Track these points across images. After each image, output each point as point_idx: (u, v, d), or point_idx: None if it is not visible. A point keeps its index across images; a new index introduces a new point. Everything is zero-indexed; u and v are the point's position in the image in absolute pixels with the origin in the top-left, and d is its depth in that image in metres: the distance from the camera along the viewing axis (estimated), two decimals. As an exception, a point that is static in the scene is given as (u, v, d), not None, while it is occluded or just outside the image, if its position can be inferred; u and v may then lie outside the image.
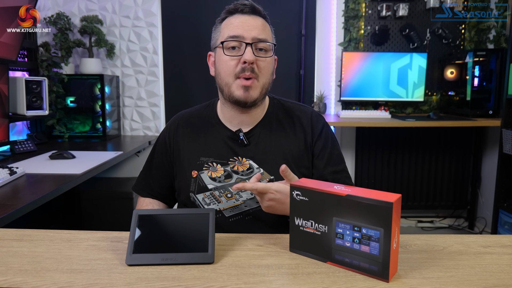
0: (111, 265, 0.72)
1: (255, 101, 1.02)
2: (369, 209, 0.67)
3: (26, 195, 1.34)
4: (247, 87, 0.99)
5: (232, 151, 1.07)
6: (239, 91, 1.00)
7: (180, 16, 2.91)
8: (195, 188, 1.06)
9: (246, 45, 0.98)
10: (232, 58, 0.99)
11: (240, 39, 0.98)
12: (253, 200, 1.04)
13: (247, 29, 0.98)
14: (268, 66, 1.02)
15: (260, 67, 1.00)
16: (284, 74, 2.92)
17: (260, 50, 1.00)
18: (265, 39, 1.00)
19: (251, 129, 1.08)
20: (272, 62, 1.04)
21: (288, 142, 1.07)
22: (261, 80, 1.01)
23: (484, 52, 2.63)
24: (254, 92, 1.00)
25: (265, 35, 1.01)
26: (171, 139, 1.13)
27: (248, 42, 0.98)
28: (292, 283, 0.66)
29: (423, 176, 3.07)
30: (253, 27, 0.99)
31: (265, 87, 1.03)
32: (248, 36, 0.98)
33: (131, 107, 2.96)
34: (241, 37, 0.98)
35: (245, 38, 0.98)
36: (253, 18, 1.01)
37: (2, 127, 1.94)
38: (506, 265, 0.73)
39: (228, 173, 1.05)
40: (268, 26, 1.04)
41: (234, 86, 1.00)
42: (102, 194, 2.47)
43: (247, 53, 0.97)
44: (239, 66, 0.98)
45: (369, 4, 2.89)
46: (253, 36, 0.98)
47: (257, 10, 1.02)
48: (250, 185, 0.88)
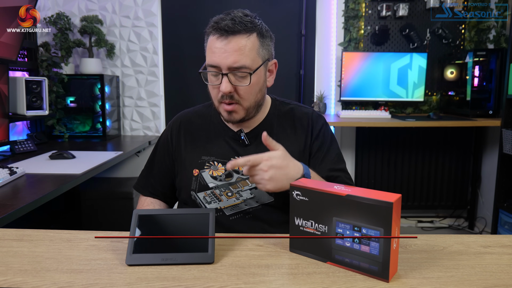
0: (111, 265, 0.72)
1: (242, 119, 1.03)
2: (369, 209, 0.67)
3: (26, 195, 1.34)
4: (230, 112, 1.00)
5: (233, 150, 1.08)
6: (224, 113, 1.02)
7: (180, 16, 2.91)
8: (196, 186, 1.06)
9: (222, 75, 0.95)
10: (213, 86, 1.00)
11: (217, 69, 0.96)
12: (253, 199, 1.04)
13: (223, 57, 0.94)
14: (250, 90, 0.98)
15: (240, 94, 0.98)
16: (284, 74, 2.92)
17: (239, 77, 0.96)
18: (243, 65, 0.94)
19: (252, 130, 1.09)
20: (256, 82, 0.99)
21: (289, 143, 1.07)
22: (245, 103, 1.00)
23: (484, 52, 2.63)
24: (238, 115, 1.01)
25: (243, 59, 0.94)
26: (173, 138, 1.14)
27: (224, 72, 0.95)
28: (292, 283, 0.66)
29: (423, 176, 3.07)
30: (229, 53, 0.93)
31: (251, 106, 1.02)
32: (224, 66, 0.94)
33: (131, 107, 2.96)
34: (217, 67, 0.95)
35: (221, 68, 0.95)
36: (230, 42, 0.93)
37: (2, 127, 1.94)
38: (506, 265, 0.73)
39: (229, 172, 1.07)
40: (252, 43, 0.96)
41: (220, 109, 1.03)
42: (102, 194, 2.47)
43: (223, 84, 0.95)
44: (219, 93, 0.98)
45: (369, 4, 2.89)
46: (229, 65, 0.94)
47: (236, 29, 0.94)
48: (243, 160, 0.85)
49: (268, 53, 1.01)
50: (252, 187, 1.05)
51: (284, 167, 0.87)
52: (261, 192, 1.04)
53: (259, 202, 1.04)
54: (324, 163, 1.07)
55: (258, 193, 1.05)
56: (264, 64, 1.00)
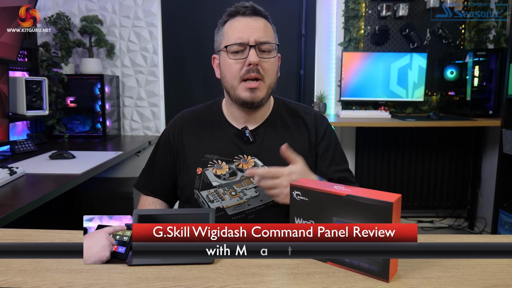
0: (111, 265, 0.72)
1: (261, 101, 1.04)
2: (369, 209, 0.67)
3: (26, 195, 1.34)
4: (253, 89, 1.01)
5: (237, 148, 1.08)
6: (245, 93, 1.02)
7: (180, 16, 2.91)
8: (200, 185, 1.07)
9: (249, 47, 1.00)
10: (237, 61, 1.01)
11: (243, 42, 1.00)
12: (257, 199, 1.05)
13: (249, 31, 1.00)
14: (272, 67, 1.04)
15: (265, 68, 1.02)
16: (284, 74, 2.91)
17: (263, 51, 1.02)
18: (268, 40, 1.02)
19: (256, 128, 1.10)
20: (276, 61, 1.06)
21: (292, 141, 1.08)
22: (267, 80, 1.03)
23: (484, 52, 2.63)
24: (261, 92, 1.03)
25: (267, 36, 1.02)
26: (175, 137, 1.14)
27: (252, 44, 1.00)
28: (292, 283, 0.66)
29: (423, 176, 3.07)
30: (255, 29, 1.01)
31: (271, 87, 1.05)
32: (251, 39, 1.00)
33: (131, 107, 2.96)
34: (244, 40, 1.00)
35: (248, 41, 1.00)
36: (254, 20, 1.02)
37: (2, 127, 1.94)
38: (506, 265, 0.73)
39: (233, 171, 1.07)
40: (270, 26, 1.06)
41: (239, 89, 1.03)
42: (102, 194, 2.47)
43: (251, 55, 0.99)
44: (244, 68, 1.00)
45: (369, 4, 2.89)
46: (256, 38, 1.00)
47: (258, 11, 1.03)
48: (263, 171, 0.88)
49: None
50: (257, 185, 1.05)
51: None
52: None
53: (263, 201, 1.04)
54: (332, 164, 1.09)
55: (263, 191, 1.05)
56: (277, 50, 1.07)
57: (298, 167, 0.90)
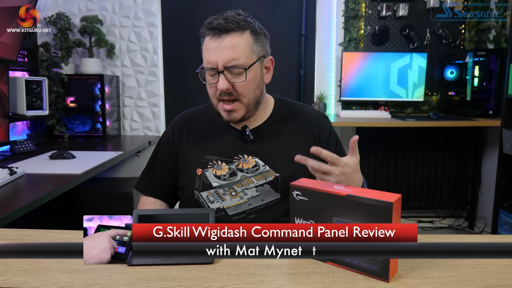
0: (111, 265, 0.72)
1: (242, 118, 1.03)
2: (369, 209, 0.67)
3: (26, 195, 1.34)
4: (229, 111, 1.01)
5: (237, 148, 1.08)
6: (223, 113, 1.03)
7: (180, 16, 2.91)
8: (200, 185, 1.07)
9: (218, 73, 0.97)
10: (211, 85, 1.01)
11: (213, 68, 0.97)
12: (258, 199, 1.04)
13: (217, 55, 0.96)
14: (248, 86, 0.99)
15: (238, 91, 0.99)
16: (284, 74, 2.92)
17: (235, 74, 0.98)
18: (236, 63, 0.96)
19: (257, 127, 1.09)
20: (252, 79, 1.00)
21: (294, 142, 1.08)
22: (244, 100, 1.01)
23: (484, 52, 2.63)
24: (238, 113, 1.02)
25: (237, 57, 0.96)
26: (175, 138, 1.14)
27: (220, 70, 0.96)
28: (292, 283, 0.66)
29: (423, 176, 3.07)
30: (224, 51, 0.96)
31: (251, 103, 1.02)
32: (219, 64, 0.96)
33: (131, 107, 2.96)
34: (214, 65, 0.97)
35: (217, 67, 0.97)
36: (222, 40, 0.96)
37: (2, 127, 1.94)
38: (506, 265, 0.73)
39: (233, 171, 1.06)
40: (244, 41, 0.97)
41: (219, 108, 1.03)
42: (102, 194, 2.47)
43: (220, 81, 0.97)
44: (217, 91, 0.99)
45: (369, 4, 2.89)
46: (224, 63, 0.96)
47: (229, 27, 0.96)
48: (327, 152, 0.87)
49: (263, 50, 1.03)
50: (258, 184, 1.05)
51: (352, 177, 0.88)
52: (267, 190, 1.04)
53: (264, 200, 1.04)
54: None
55: (264, 191, 1.04)
56: (260, 60, 1.01)
57: (354, 161, 0.88)
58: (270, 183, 1.05)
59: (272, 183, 1.05)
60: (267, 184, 1.05)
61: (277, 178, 1.05)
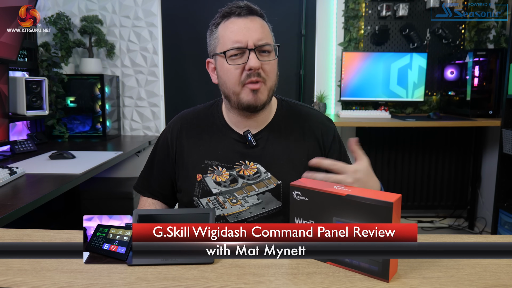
0: (111, 265, 0.72)
1: (263, 104, 0.99)
2: (369, 209, 0.67)
3: (26, 195, 1.34)
4: (256, 91, 0.96)
5: (239, 154, 1.04)
6: (248, 96, 0.96)
7: (180, 16, 2.91)
8: (199, 192, 1.03)
9: (249, 51, 0.94)
10: (236, 67, 0.95)
11: (242, 46, 0.94)
12: (259, 207, 1.01)
13: (247, 34, 0.94)
14: (273, 69, 0.98)
15: (266, 71, 0.96)
16: (284, 74, 2.91)
17: (263, 52, 0.96)
18: (267, 41, 0.96)
19: (259, 132, 1.06)
20: (276, 63, 1.00)
21: (297, 147, 1.05)
22: (268, 83, 0.98)
23: (484, 52, 2.63)
24: (263, 95, 0.97)
25: (266, 37, 0.96)
26: (173, 140, 1.10)
27: (251, 47, 0.93)
28: (292, 283, 0.66)
29: (423, 176, 3.06)
30: (253, 30, 0.94)
31: (272, 89, 1.00)
32: (249, 42, 0.93)
33: (131, 107, 2.96)
34: (242, 44, 0.94)
35: (247, 44, 0.94)
36: (251, 21, 0.95)
37: (2, 127, 1.94)
38: (506, 265, 0.73)
39: (234, 178, 1.03)
40: (267, 26, 0.99)
41: (242, 93, 0.97)
42: (102, 194, 2.47)
43: (252, 59, 0.93)
44: (244, 73, 0.95)
45: (369, 4, 2.89)
46: (255, 41, 0.94)
47: (254, 10, 0.96)
48: (329, 162, 0.84)
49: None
50: (260, 192, 1.02)
51: (367, 182, 0.84)
52: (269, 198, 1.01)
53: (266, 208, 1.01)
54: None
55: (265, 199, 1.02)
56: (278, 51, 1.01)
57: (364, 165, 0.85)
58: (272, 191, 1.02)
59: (274, 191, 1.02)
60: (269, 192, 1.02)
61: (278, 185, 1.02)
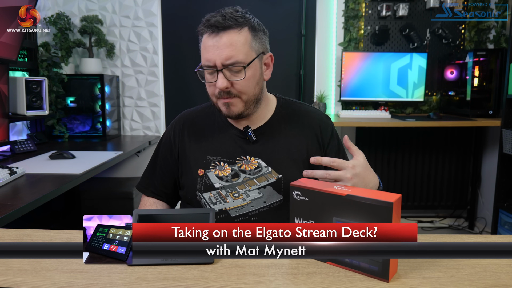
0: (111, 265, 0.72)
1: (241, 114, 1.01)
2: (369, 209, 0.67)
3: (26, 195, 1.34)
4: (227, 104, 0.99)
5: (240, 149, 1.06)
6: (222, 107, 1.01)
7: (180, 16, 2.91)
8: (202, 186, 1.06)
9: (217, 72, 0.96)
10: (210, 84, 0.99)
11: (211, 67, 0.96)
12: (260, 200, 1.03)
13: (216, 53, 0.94)
14: (247, 83, 0.98)
15: (237, 88, 0.97)
16: (284, 74, 2.91)
17: (234, 72, 0.96)
18: (235, 61, 0.94)
19: (259, 128, 1.08)
20: (252, 76, 0.98)
21: (297, 142, 1.07)
22: (243, 97, 0.99)
23: (484, 52, 2.63)
24: (236, 107, 1.00)
25: (235, 55, 0.94)
26: (176, 138, 1.13)
27: (219, 69, 0.95)
28: (292, 283, 0.66)
29: (423, 176, 3.07)
30: (222, 50, 0.94)
31: (250, 99, 1.00)
32: (217, 62, 0.94)
33: (131, 107, 2.96)
34: (211, 63, 0.95)
35: (215, 65, 0.95)
36: (221, 38, 0.94)
37: (2, 127, 1.94)
38: (506, 265, 0.73)
39: (236, 172, 1.05)
40: (241, 38, 0.96)
41: (219, 104, 1.02)
42: (102, 194, 2.47)
43: (219, 80, 0.95)
44: (216, 90, 0.98)
45: (369, 4, 2.89)
46: (223, 60, 0.94)
47: (227, 24, 0.95)
48: (328, 159, 0.85)
49: (262, 46, 1.01)
50: (261, 186, 1.04)
51: (366, 177, 0.87)
52: (270, 192, 1.04)
53: (267, 202, 1.03)
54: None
55: (267, 193, 1.04)
56: (259, 57, 1.00)
57: (361, 160, 0.87)
58: (273, 185, 1.04)
59: (275, 184, 1.04)
60: (270, 185, 1.04)
61: (279, 179, 1.04)
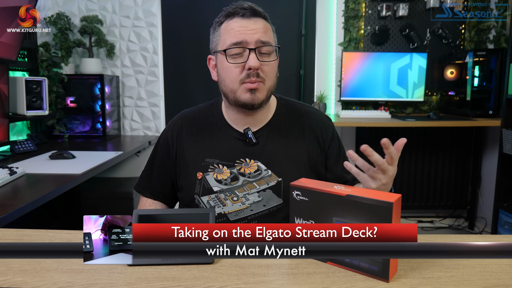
0: (111, 265, 0.72)
1: (261, 103, 1.00)
2: (369, 209, 0.67)
3: (26, 195, 1.34)
4: (253, 90, 0.97)
5: (239, 151, 1.05)
6: (245, 94, 0.98)
7: (180, 16, 2.91)
8: (200, 190, 1.04)
9: (249, 51, 0.95)
10: (236, 65, 0.96)
11: (243, 45, 0.95)
12: (260, 204, 1.02)
13: (249, 33, 0.95)
14: (272, 69, 1.00)
15: (265, 71, 0.97)
16: (284, 74, 2.91)
17: (263, 54, 0.97)
18: (268, 42, 0.97)
19: (259, 130, 1.07)
20: (276, 64, 1.02)
21: (297, 144, 1.06)
22: (267, 83, 0.99)
23: (484, 52, 2.63)
24: (261, 94, 0.98)
25: (267, 37, 0.98)
26: (173, 139, 1.11)
27: (251, 47, 0.95)
28: (292, 283, 0.66)
29: (423, 176, 3.06)
30: (254, 31, 0.96)
31: (270, 89, 1.01)
32: (251, 41, 0.95)
33: (131, 107, 2.96)
34: (243, 43, 0.95)
35: (248, 44, 0.95)
36: (254, 21, 0.97)
37: (2, 127, 1.94)
38: (506, 265, 0.73)
39: (235, 176, 1.03)
40: (270, 27, 1.01)
41: (239, 91, 0.98)
42: (102, 194, 2.47)
43: (251, 59, 0.94)
44: (244, 72, 0.96)
45: (369, 4, 2.89)
46: (256, 40, 0.95)
47: (257, 12, 0.98)
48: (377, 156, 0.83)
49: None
50: (260, 189, 1.02)
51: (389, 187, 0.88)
52: (269, 195, 1.02)
53: (267, 206, 1.02)
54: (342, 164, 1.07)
55: (266, 196, 1.02)
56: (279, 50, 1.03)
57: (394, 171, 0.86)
58: (272, 188, 1.02)
59: (275, 188, 1.03)
60: (269, 189, 1.02)
61: (279, 182, 1.03)
